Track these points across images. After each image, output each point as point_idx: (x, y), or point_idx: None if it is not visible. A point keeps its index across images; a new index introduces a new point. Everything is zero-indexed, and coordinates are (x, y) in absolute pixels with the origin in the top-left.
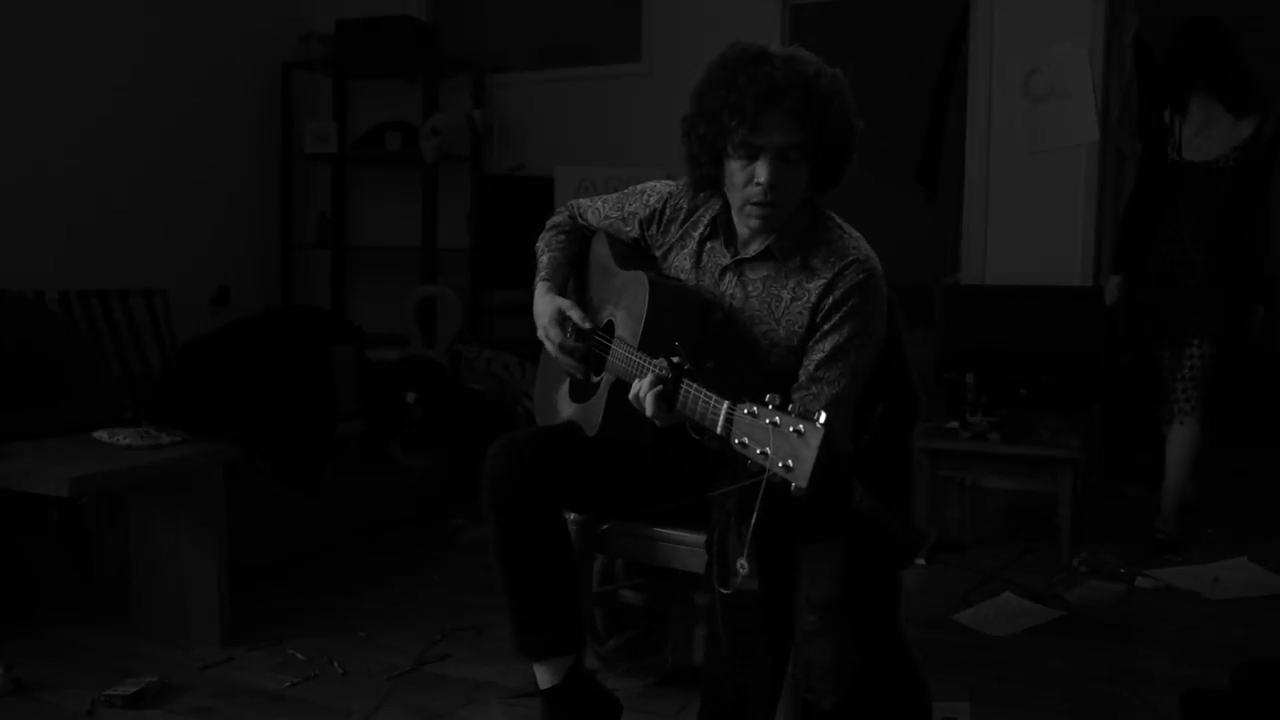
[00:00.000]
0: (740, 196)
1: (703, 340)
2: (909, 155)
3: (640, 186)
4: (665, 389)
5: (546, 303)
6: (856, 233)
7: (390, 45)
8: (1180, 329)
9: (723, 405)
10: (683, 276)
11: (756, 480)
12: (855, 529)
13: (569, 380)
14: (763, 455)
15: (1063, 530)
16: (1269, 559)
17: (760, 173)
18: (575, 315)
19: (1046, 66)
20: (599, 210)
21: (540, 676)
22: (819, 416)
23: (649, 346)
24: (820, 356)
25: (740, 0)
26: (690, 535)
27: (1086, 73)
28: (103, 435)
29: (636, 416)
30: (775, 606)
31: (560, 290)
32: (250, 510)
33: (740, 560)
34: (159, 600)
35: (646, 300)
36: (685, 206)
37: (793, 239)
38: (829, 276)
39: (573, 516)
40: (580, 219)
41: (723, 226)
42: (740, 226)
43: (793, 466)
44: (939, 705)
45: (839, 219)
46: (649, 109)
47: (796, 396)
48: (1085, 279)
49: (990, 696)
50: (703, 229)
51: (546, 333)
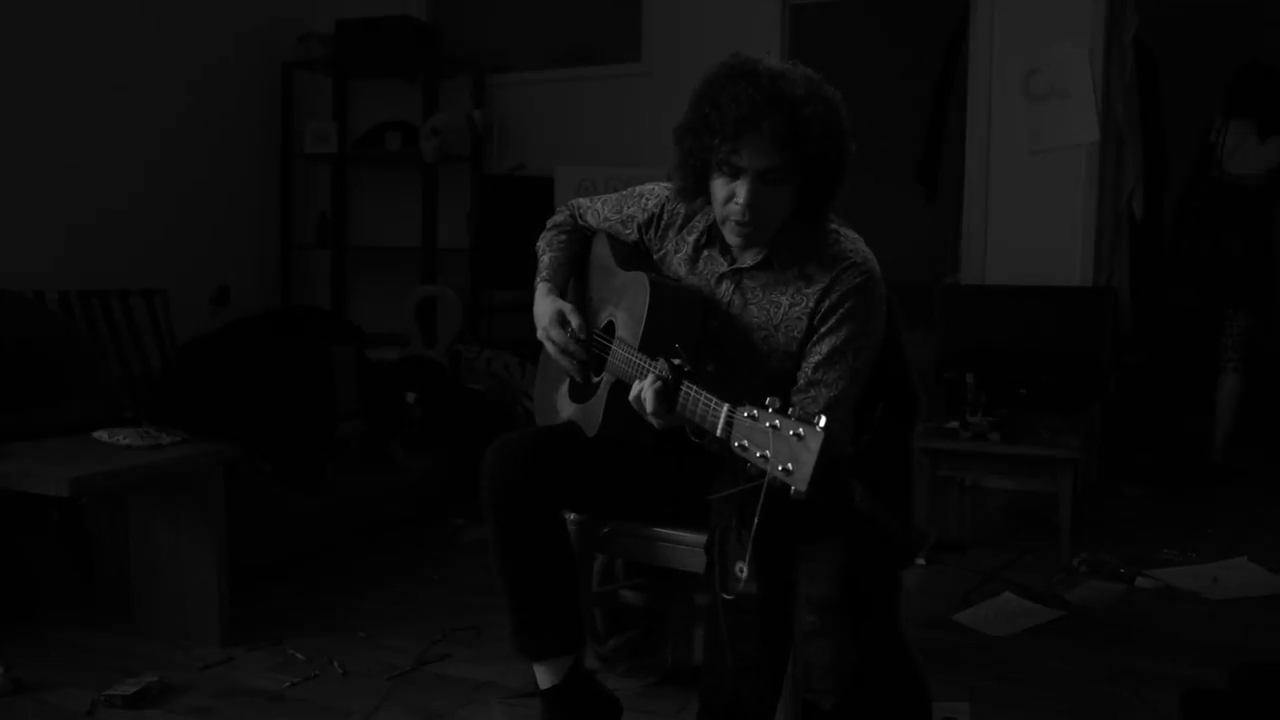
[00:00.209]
0: (721, 212)
1: (703, 343)
2: (909, 155)
3: (638, 189)
4: (665, 390)
5: (547, 304)
6: (854, 233)
7: (390, 45)
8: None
9: (723, 408)
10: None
11: (756, 484)
12: (855, 529)
13: (569, 380)
14: (762, 458)
15: (1063, 530)
16: (1269, 559)
17: (740, 192)
18: (575, 321)
19: (1046, 66)
20: (598, 212)
21: (540, 676)
22: (819, 420)
23: (649, 347)
24: (818, 359)
25: (740, 0)
26: (690, 535)
27: (1086, 73)
28: (103, 435)
29: (636, 417)
30: (775, 608)
31: (561, 291)
32: (250, 510)
33: (740, 564)
34: (159, 600)
35: (647, 301)
36: (682, 212)
37: (790, 248)
38: (827, 281)
39: (573, 516)
40: (580, 220)
41: (718, 234)
42: (727, 238)
43: (792, 470)
44: (939, 705)
45: (836, 221)
46: (649, 109)
47: (795, 399)
48: (1085, 279)
49: (990, 696)
50: (699, 235)
51: (547, 334)
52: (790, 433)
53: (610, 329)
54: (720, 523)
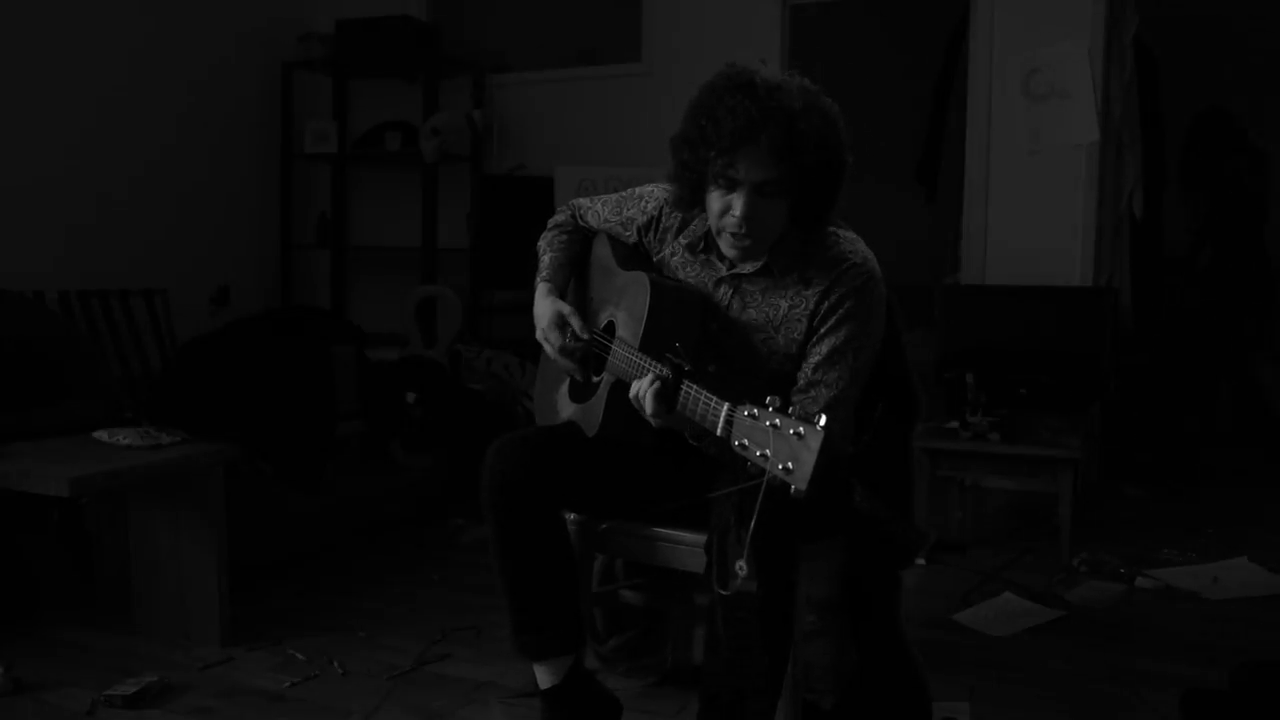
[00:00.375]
0: (717, 224)
1: (703, 344)
2: (909, 155)
3: (638, 190)
4: (664, 389)
5: (547, 305)
6: (852, 233)
7: (390, 45)
8: None
9: (723, 407)
10: None
11: (756, 482)
12: (855, 529)
13: (569, 380)
14: (763, 457)
15: (1063, 530)
16: (1269, 559)
17: (736, 205)
18: (575, 323)
19: (1046, 66)
20: (598, 213)
21: (540, 676)
22: (819, 419)
23: (649, 347)
24: (818, 359)
25: (740, 0)
26: (690, 535)
27: (1086, 73)
28: (103, 435)
29: (636, 417)
30: (775, 607)
31: (561, 291)
32: (250, 510)
33: (740, 562)
34: (159, 600)
35: (647, 301)
36: (681, 215)
37: (789, 255)
38: (827, 282)
39: (573, 516)
40: (581, 220)
41: (715, 240)
42: (724, 252)
43: (793, 469)
44: (939, 705)
45: (835, 222)
46: (649, 109)
47: (795, 400)
48: (1085, 279)
49: (990, 696)
50: (697, 239)
51: (546, 335)
52: (790, 431)
53: (610, 329)
54: (720, 521)
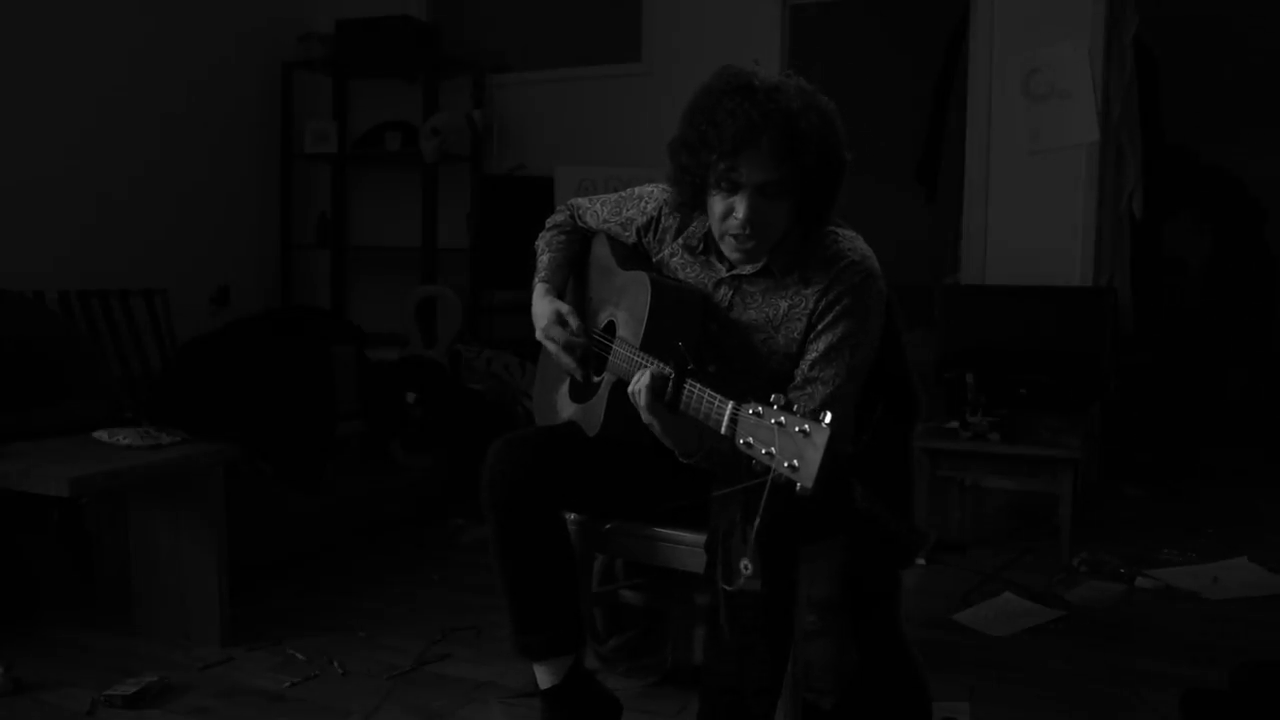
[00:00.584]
0: (720, 228)
1: (703, 344)
2: (909, 155)
3: (637, 191)
4: (654, 383)
5: (546, 305)
6: (851, 231)
7: (390, 45)
8: None
9: (727, 405)
10: None
11: (761, 480)
12: (855, 529)
13: (569, 380)
14: (768, 455)
15: (1063, 530)
16: (1269, 559)
17: (739, 208)
18: (574, 323)
19: (1046, 66)
20: (597, 213)
21: (540, 676)
22: (825, 416)
23: (651, 346)
24: (815, 356)
25: (740, 1)
26: (690, 535)
27: (1086, 73)
28: (103, 435)
29: (637, 417)
30: (776, 606)
31: (559, 291)
32: (250, 510)
33: (745, 560)
34: (159, 600)
35: (648, 300)
36: (680, 216)
37: (788, 255)
38: (826, 281)
39: (573, 516)
40: (580, 220)
41: (715, 241)
42: (727, 255)
43: (799, 467)
44: (939, 705)
45: (834, 221)
46: (649, 109)
47: (792, 396)
48: (1085, 279)
49: (990, 696)
50: (697, 241)
51: (547, 333)
52: (796, 429)
53: (611, 329)
54: (724, 519)
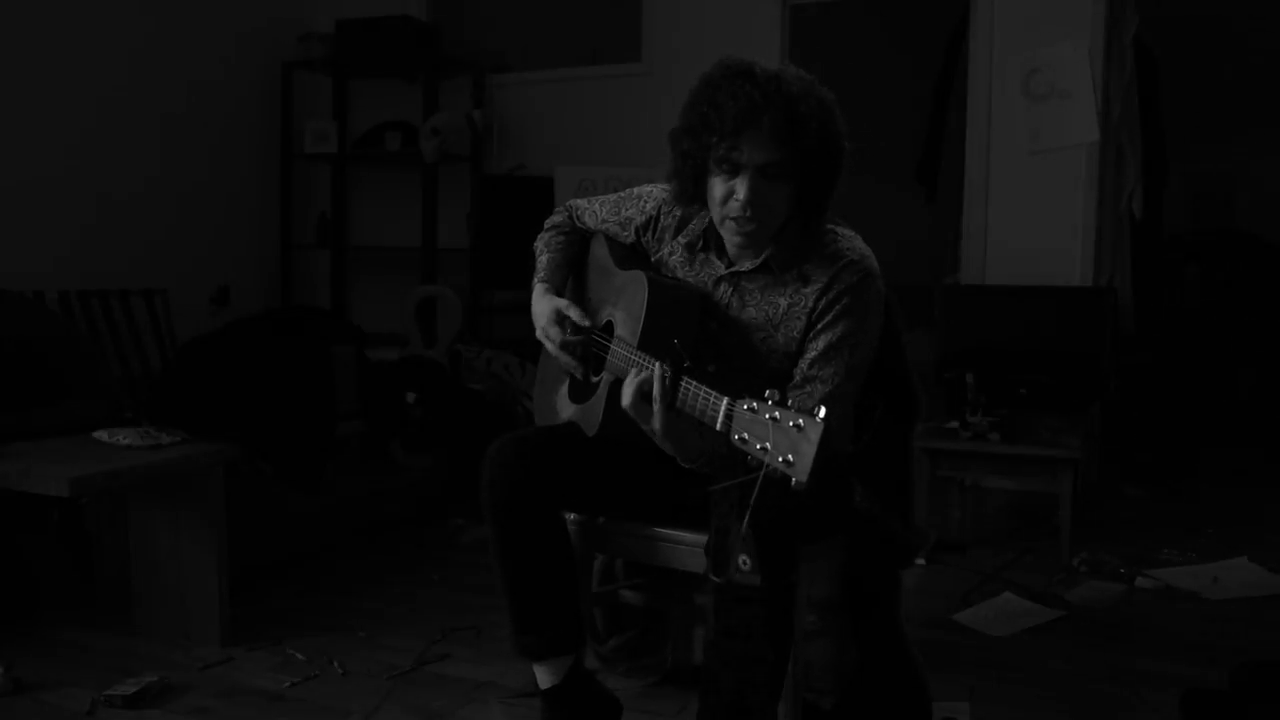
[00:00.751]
0: (720, 212)
1: (702, 343)
2: (909, 155)
3: (636, 191)
4: (643, 387)
5: (545, 303)
6: (851, 231)
7: (390, 45)
8: None
9: (722, 401)
10: None
11: (756, 475)
12: (855, 529)
13: (569, 381)
14: (763, 450)
15: (1063, 530)
16: (1269, 559)
17: (740, 189)
18: (574, 314)
19: (1046, 66)
20: (596, 213)
21: (540, 676)
22: (819, 411)
23: (648, 345)
24: (814, 355)
25: (740, 0)
26: (690, 535)
27: (1086, 73)
28: (103, 435)
29: None
30: (776, 606)
31: (558, 292)
32: (250, 510)
33: (742, 556)
34: (159, 600)
35: (645, 299)
36: (679, 214)
37: (788, 251)
38: (825, 280)
39: (573, 516)
40: (578, 220)
41: (714, 238)
42: (726, 242)
43: (793, 461)
44: (939, 705)
45: (834, 220)
46: (649, 109)
47: (791, 395)
48: (1085, 279)
49: (990, 696)
50: (696, 238)
51: (546, 333)
52: (790, 424)
53: (609, 328)
54: (720, 515)
